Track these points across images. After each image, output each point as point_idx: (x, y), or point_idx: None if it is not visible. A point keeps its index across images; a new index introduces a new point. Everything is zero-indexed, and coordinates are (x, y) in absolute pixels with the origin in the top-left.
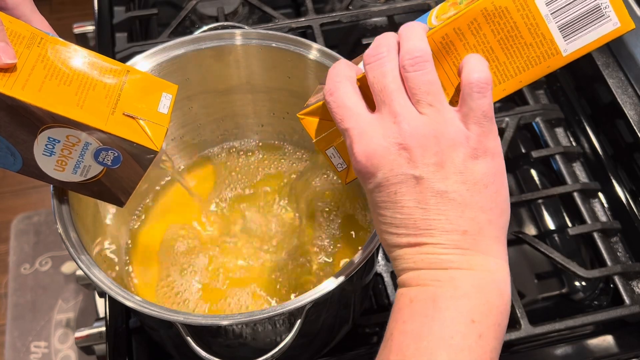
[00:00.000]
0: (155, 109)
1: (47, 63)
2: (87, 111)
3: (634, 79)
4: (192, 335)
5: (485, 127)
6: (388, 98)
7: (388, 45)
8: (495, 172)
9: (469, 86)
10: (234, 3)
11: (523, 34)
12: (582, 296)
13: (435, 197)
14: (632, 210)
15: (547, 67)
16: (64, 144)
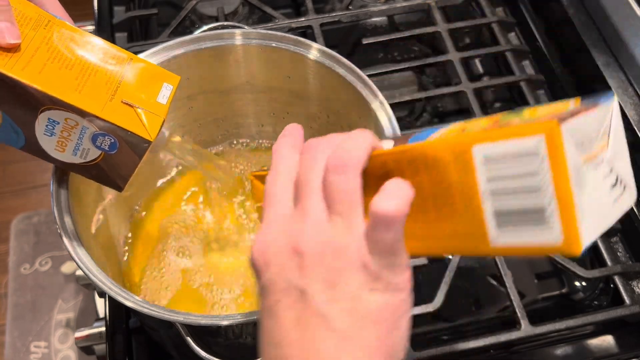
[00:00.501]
0: (155, 98)
1: (51, 46)
2: (85, 96)
3: (634, 79)
4: (192, 335)
5: (389, 261)
6: (305, 194)
7: (332, 141)
8: (393, 310)
9: (374, 215)
10: (234, 3)
11: (456, 200)
12: (582, 296)
13: (317, 320)
14: (632, 210)
15: (475, 247)
16: (63, 125)
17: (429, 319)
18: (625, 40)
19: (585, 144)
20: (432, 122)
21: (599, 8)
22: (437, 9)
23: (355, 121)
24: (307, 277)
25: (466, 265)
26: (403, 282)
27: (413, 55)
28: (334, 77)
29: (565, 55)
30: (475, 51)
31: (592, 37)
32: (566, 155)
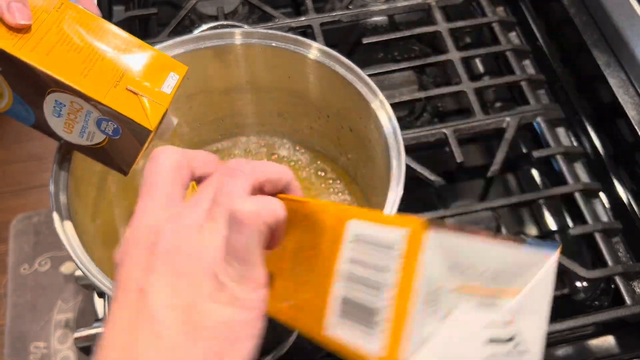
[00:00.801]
0: (160, 87)
1: (61, 29)
2: (90, 81)
3: (635, 79)
4: None
5: (240, 271)
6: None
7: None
8: (235, 329)
9: (231, 213)
10: (233, 2)
11: (317, 269)
12: (583, 296)
13: (149, 325)
14: (633, 210)
15: (310, 328)
16: (69, 108)
17: None
18: (626, 39)
19: (471, 273)
20: (432, 122)
21: (600, 8)
22: (438, 9)
23: (356, 121)
24: (152, 277)
25: None
26: (253, 301)
27: (413, 54)
28: (334, 77)
29: (566, 55)
30: (475, 51)
31: (593, 37)
32: (422, 264)
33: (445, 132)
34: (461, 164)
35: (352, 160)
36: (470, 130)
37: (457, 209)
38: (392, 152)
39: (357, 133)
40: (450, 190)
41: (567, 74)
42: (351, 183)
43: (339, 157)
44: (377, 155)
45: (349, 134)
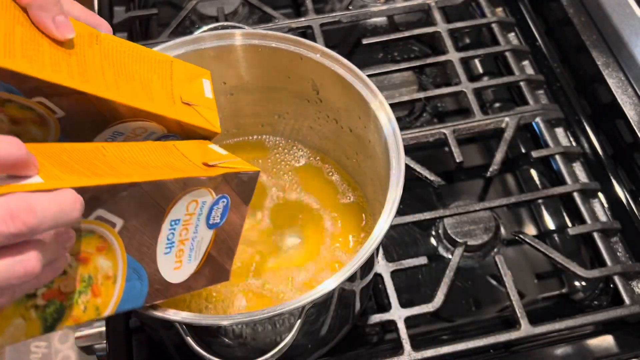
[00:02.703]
0: (203, 94)
1: (110, 60)
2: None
3: (634, 79)
4: (192, 335)
5: None
6: None
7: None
8: None
9: None
10: (234, 3)
11: None
12: (582, 296)
13: None
14: (632, 210)
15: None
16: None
17: (429, 319)
18: (625, 40)
19: None
20: (431, 122)
21: (599, 8)
22: (437, 9)
23: (355, 121)
24: None
25: (466, 265)
26: None
27: (413, 55)
28: (334, 77)
29: (565, 56)
30: (475, 51)
31: (592, 37)
32: None
33: (444, 132)
34: (460, 164)
35: (352, 160)
36: (469, 131)
37: (457, 208)
38: (392, 152)
39: (357, 133)
40: (449, 190)
41: (566, 74)
42: (351, 183)
43: (339, 157)
44: (377, 155)
45: (349, 134)
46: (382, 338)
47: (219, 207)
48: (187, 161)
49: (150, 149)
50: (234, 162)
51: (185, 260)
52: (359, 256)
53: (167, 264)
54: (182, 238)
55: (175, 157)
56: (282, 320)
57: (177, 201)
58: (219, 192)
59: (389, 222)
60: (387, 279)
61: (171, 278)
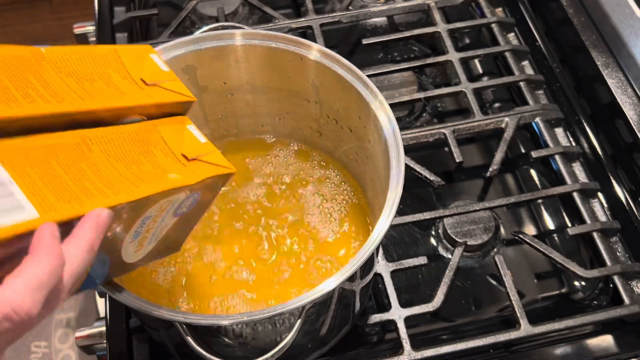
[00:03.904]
0: (159, 69)
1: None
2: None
3: (634, 79)
4: (192, 335)
5: None
6: None
7: None
8: None
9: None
10: (234, 3)
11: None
12: (582, 296)
13: None
14: (631, 210)
15: None
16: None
17: (428, 319)
18: (625, 40)
19: None
20: (431, 122)
21: (599, 8)
22: (437, 10)
23: (355, 121)
24: None
25: (466, 265)
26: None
27: (413, 55)
28: (334, 77)
29: (565, 56)
30: (474, 51)
31: (592, 37)
32: None
33: (444, 132)
34: (460, 164)
35: (352, 160)
36: (469, 131)
37: (456, 208)
38: (392, 152)
39: (357, 133)
40: (449, 190)
41: (566, 74)
42: (351, 183)
43: (339, 157)
44: (377, 155)
45: (349, 134)
46: (382, 338)
47: (189, 201)
48: (168, 152)
49: (135, 141)
50: (212, 156)
51: (146, 244)
52: (358, 256)
53: (129, 249)
54: (148, 229)
55: (157, 146)
56: (282, 320)
57: (155, 204)
58: (192, 191)
59: (389, 222)
60: (387, 278)
61: (130, 259)
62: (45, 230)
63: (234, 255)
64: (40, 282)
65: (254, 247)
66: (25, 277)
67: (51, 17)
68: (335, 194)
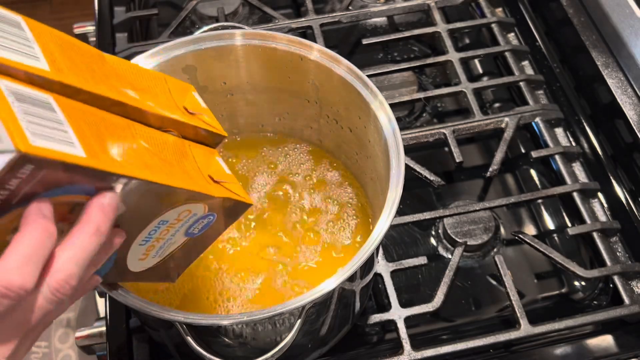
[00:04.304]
0: (200, 105)
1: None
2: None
3: (634, 79)
4: (192, 335)
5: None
6: None
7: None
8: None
9: None
10: (234, 3)
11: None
12: (582, 296)
13: None
14: (631, 210)
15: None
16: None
17: (428, 319)
18: (625, 40)
19: None
20: (431, 122)
21: (599, 8)
22: (437, 10)
23: (355, 121)
24: None
25: (466, 265)
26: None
27: (413, 55)
28: (334, 77)
29: (565, 56)
30: (474, 51)
31: (592, 37)
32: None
33: (444, 132)
34: (460, 164)
35: (352, 160)
36: (469, 131)
37: (456, 208)
38: (392, 152)
39: (357, 133)
40: (449, 190)
41: (566, 74)
42: (351, 183)
43: (339, 157)
44: (377, 155)
45: (349, 134)
46: (382, 338)
47: (203, 222)
48: (197, 169)
49: (171, 144)
50: (234, 186)
51: (151, 255)
52: (358, 256)
53: (135, 254)
54: (160, 237)
55: (189, 160)
56: (282, 320)
57: (175, 207)
58: (210, 210)
59: (389, 222)
60: (387, 278)
61: (132, 266)
62: (32, 208)
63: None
64: (28, 256)
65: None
66: (13, 254)
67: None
68: (335, 194)
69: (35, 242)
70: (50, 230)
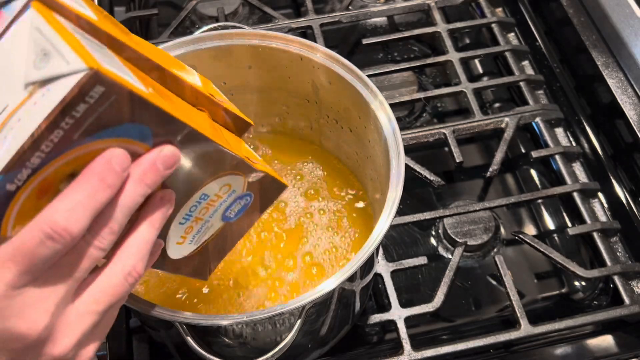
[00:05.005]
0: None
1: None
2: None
3: (634, 79)
4: (192, 335)
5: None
6: None
7: None
8: None
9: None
10: (234, 3)
11: None
12: (582, 296)
13: None
14: (631, 210)
15: None
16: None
17: (428, 319)
18: (625, 40)
19: None
20: (431, 122)
21: (599, 8)
22: (437, 9)
23: (355, 121)
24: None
25: (466, 265)
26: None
27: (413, 55)
28: (334, 77)
29: (565, 56)
30: (474, 51)
31: (592, 37)
32: None
33: (444, 132)
34: (460, 164)
35: (352, 160)
36: (469, 131)
37: (456, 208)
38: (392, 152)
39: (357, 133)
40: (449, 190)
41: (566, 74)
42: (351, 183)
43: (339, 157)
44: (377, 155)
45: (349, 134)
46: (382, 338)
47: (240, 203)
48: (234, 148)
49: (208, 121)
50: (268, 169)
51: (188, 240)
52: (359, 256)
53: (174, 235)
54: (199, 216)
55: (228, 137)
56: (282, 320)
57: (220, 177)
58: (249, 188)
59: (389, 222)
60: (387, 278)
61: (170, 251)
62: (103, 157)
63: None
64: (75, 202)
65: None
66: (61, 198)
67: None
68: (334, 194)
69: (88, 191)
70: (109, 182)
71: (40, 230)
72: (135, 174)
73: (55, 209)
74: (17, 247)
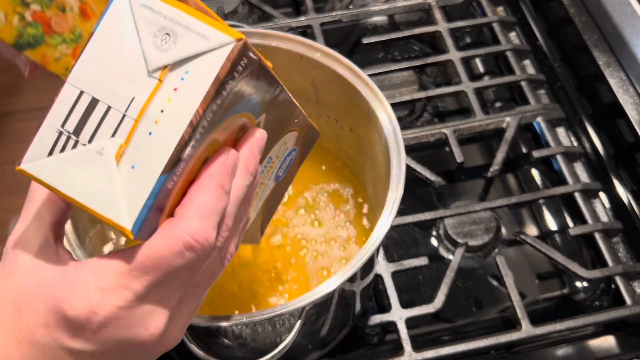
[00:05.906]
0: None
1: None
2: None
3: (635, 79)
4: (191, 336)
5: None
6: None
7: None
8: None
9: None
10: (233, 2)
11: None
12: (583, 297)
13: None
14: (633, 210)
15: None
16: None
17: (429, 320)
18: (626, 39)
19: None
20: (432, 122)
21: (600, 7)
22: (438, 8)
23: (355, 121)
24: None
25: (467, 266)
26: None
27: (413, 54)
28: (334, 77)
29: (566, 55)
30: (475, 50)
31: (593, 37)
32: None
33: (445, 132)
34: (461, 164)
35: (352, 160)
36: (470, 130)
37: (457, 209)
38: (392, 152)
39: (357, 133)
40: (450, 190)
41: (567, 74)
42: (351, 183)
43: (339, 157)
44: (377, 155)
45: (349, 134)
46: (382, 339)
47: (287, 160)
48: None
49: None
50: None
51: (253, 208)
52: (359, 257)
53: None
54: (262, 181)
55: None
56: (282, 321)
57: (284, 135)
58: (295, 144)
59: (390, 223)
60: (388, 279)
61: None
62: (217, 161)
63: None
64: (209, 210)
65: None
66: (194, 206)
67: None
68: (335, 194)
69: (213, 196)
70: (227, 188)
71: (181, 240)
72: (242, 166)
73: (189, 217)
74: (149, 256)
